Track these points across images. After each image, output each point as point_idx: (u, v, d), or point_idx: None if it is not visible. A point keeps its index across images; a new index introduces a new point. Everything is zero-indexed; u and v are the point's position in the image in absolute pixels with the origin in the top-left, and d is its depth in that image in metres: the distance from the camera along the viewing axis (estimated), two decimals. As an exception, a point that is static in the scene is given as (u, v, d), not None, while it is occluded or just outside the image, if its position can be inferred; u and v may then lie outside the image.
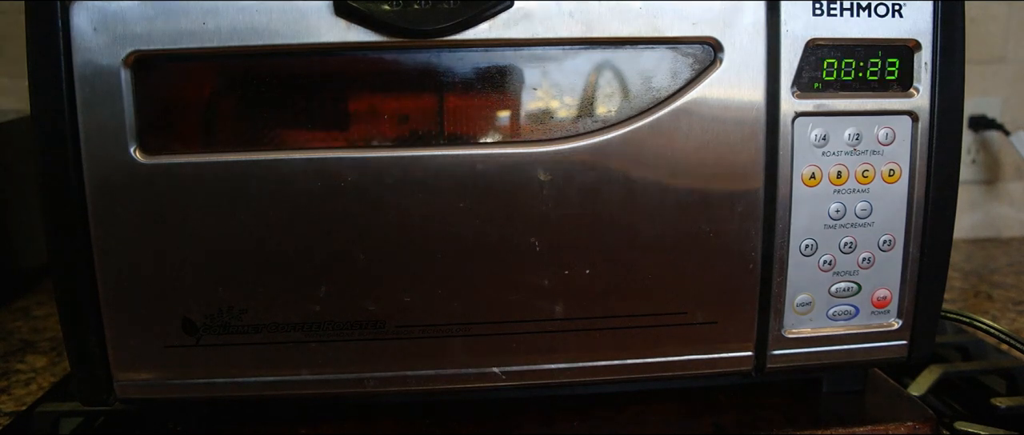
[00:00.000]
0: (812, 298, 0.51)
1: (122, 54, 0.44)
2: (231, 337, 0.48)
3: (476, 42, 0.46)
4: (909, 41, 0.49)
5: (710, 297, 0.50)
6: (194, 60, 0.45)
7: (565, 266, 0.48)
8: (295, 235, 0.47)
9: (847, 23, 0.48)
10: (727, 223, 0.49)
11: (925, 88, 0.49)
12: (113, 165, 0.45)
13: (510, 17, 0.45)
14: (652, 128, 0.47)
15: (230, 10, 0.44)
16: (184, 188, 0.46)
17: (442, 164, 0.47)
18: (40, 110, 0.45)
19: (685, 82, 0.47)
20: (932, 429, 0.53)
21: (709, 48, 0.47)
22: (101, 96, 0.44)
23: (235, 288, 0.47)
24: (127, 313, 0.47)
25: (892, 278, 0.52)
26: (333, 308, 0.48)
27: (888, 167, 0.50)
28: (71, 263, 0.46)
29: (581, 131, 0.47)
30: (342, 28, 0.45)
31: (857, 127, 0.49)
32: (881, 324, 0.52)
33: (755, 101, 0.48)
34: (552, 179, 0.47)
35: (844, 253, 0.51)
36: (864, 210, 0.50)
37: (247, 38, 0.45)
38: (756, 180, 0.48)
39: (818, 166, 0.49)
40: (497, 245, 0.48)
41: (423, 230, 0.47)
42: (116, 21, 0.44)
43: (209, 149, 0.46)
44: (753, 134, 0.48)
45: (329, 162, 0.46)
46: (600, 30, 0.46)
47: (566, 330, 0.50)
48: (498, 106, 0.47)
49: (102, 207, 0.46)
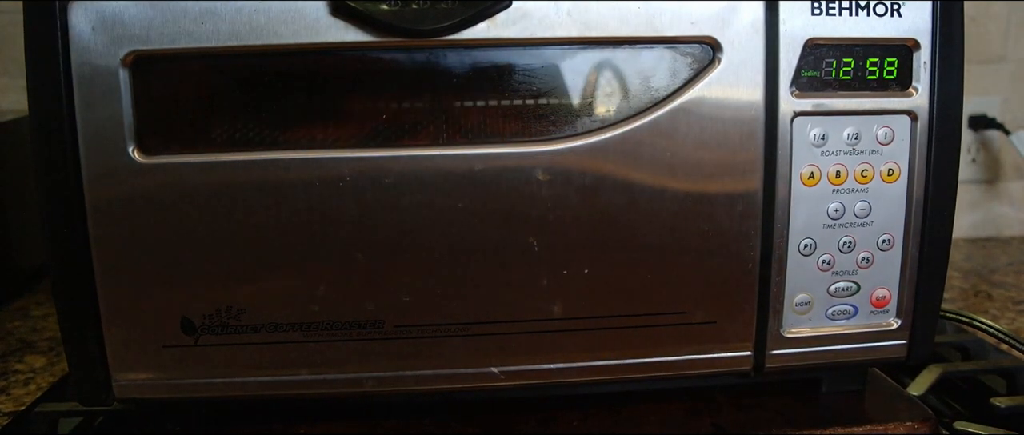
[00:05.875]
0: (811, 298, 0.51)
1: (120, 54, 0.44)
2: (230, 337, 0.48)
3: (474, 42, 0.46)
4: (908, 40, 0.48)
5: (709, 297, 0.50)
6: (192, 60, 0.45)
7: (563, 266, 0.48)
8: (293, 235, 0.47)
9: (846, 22, 0.48)
10: (726, 223, 0.49)
11: (924, 87, 0.49)
12: (111, 165, 0.45)
13: (508, 17, 0.45)
14: (651, 128, 0.47)
15: (228, 10, 0.44)
16: (182, 188, 0.46)
17: (440, 164, 0.46)
18: (39, 110, 0.45)
19: (684, 82, 0.47)
20: (931, 429, 0.53)
21: (708, 48, 0.47)
22: (99, 96, 0.44)
23: (234, 288, 0.47)
24: (126, 313, 0.47)
25: (891, 278, 0.52)
26: (332, 308, 0.48)
27: (887, 166, 0.50)
28: (70, 263, 0.46)
29: (580, 131, 0.47)
30: (340, 28, 0.45)
31: (856, 126, 0.49)
32: (880, 324, 0.52)
33: (754, 101, 0.47)
34: (550, 179, 0.47)
35: (843, 253, 0.51)
36: (863, 210, 0.50)
37: (245, 38, 0.45)
38: (755, 180, 0.48)
39: (817, 165, 0.49)
40: (495, 245, 0.48)
41: (421, 230, 0.47)
42: (114, 21, 0.44)
43: (207, 149, 0.46)
44: (752, 134, 0.48)
45: (327, 162, 0.46)
46: (598, 30, 0.46)
47: (565, 330, 0.49)
48: (496, 106, 0.47)
49: (101, 207, 0.46)
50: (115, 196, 0.46)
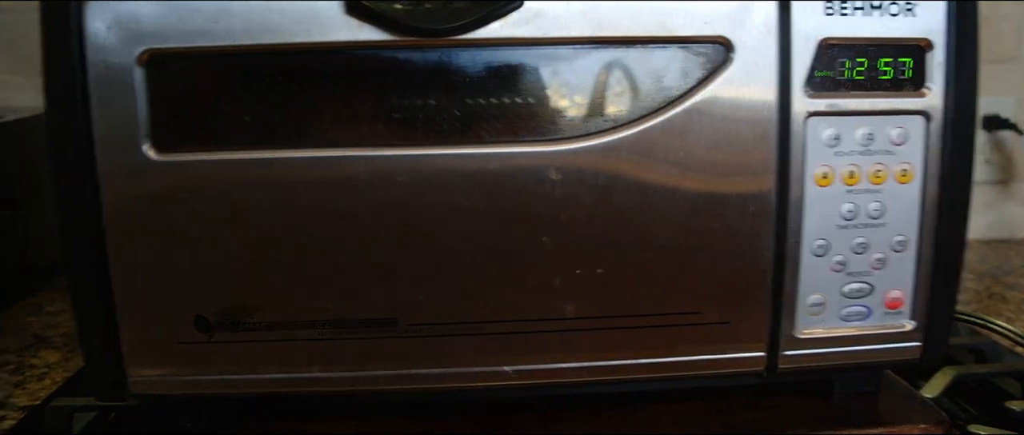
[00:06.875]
0: (824, 299, 0.51)
1: (135, 52, 0.44)
2: (244, 334, 0.48)
3: (487, 41, 0.46)
4: (922, 40, 0.48)
5: (722, 297, 0.50)
6: (207, 58, 0.45)
7: (576, 265, 0.48)
8: (307, 233, 0.47)
9: (859, 22, 0.48)
10: (739, 223, 0.48)
11: (938, 87, 0.49)
12: (127, 163, 0.45)
13: (521, 16, 0.45)
14: (664, 127, 0.47)
15: (242, 9, 0.45)
16: (197, 186, 0.46)
17: (453, 163, 0.47)
18: (55, 108, 0.45)
19: (696, 81, 0.47)
20: (945, 432, 0.52)
21: (720, 47, 0.47)
22: (115, 94, 0.45)
23: (248, 286, 0.48)
24: (141, 310, 0.48)
25: (905, 279, 0.51)
26: (345, 306, 0.48)
27: (901, 167, 0.50)
28: (85, 260, 0.47)
29: (592, 130, 0.47)
30: (354, 27, 0.45)
31: (870, 127, 0.49)
32: (894, 325, 0.52)
33: (767, 101, 0.47)
34: (563, 178, 0.47)
35: (856, 254, 0.50)
36: (877, 210, 0.50)
37: (259, 37, 0.45)
38: (768, 180, 0.48)
39: (830, 166, 0.49)
40: (508, 244, 0.48)
41: (434, 229, 0.47)
42: (129, 20, 0.44)
43: (222, 147, 0.46)
44: (765, 134, 0.48)
45: (340, 160, 0.46)
46: (611, 29, 0.46)
47: (577, 329, 0.49)
48: (509, 105, 0.47)
49: (116, 204, 0.46)
50: (130, 194, 0.46)
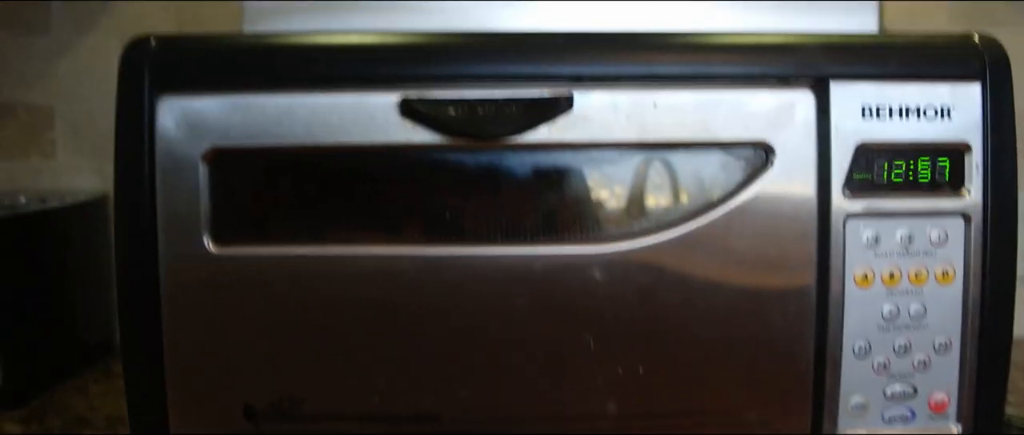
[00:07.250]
0: (866, 400, 0.50)
1: (201, 149, 0.47)
2: (290, 425, 0.49)
3: (536, 145, 0.47)
4: (960, 144, 0.49)
5: (763, 396, 0.50)
6: (268, 156, 0.48)
7: (619, 364, 0.49)
8: (356, 327, 0.48)
9: (896, 125, 0.48)
10: (779, 322, 0.49)
11: (977, 188, 0.49)
12: (187, 254, 0.47)
13: (568, 121, 0.47)
14: (706, 229, 0.48)
15: (304, 109, 0.47)
16: (252, 279, 0.48)
17: (500, 263, 0.48)
18: (123, 197, 0.47)
19: (738, 184, 0.48)
20: None
21: (761, 151, 0.48)
22: (179, 186, 0.47)
23: (296, 377, 0.48)
24: (191, 395, 0.49)
25: (950, 381, 0.51)
26: (390, 400, 0.49)
27: (942, 268, 0.50)
28: (141, 343, 0.48)
29: (636, 231, 0.48)
30: (408, 129, 0.47)
31: (909, 228, 0.49)
32: (940, 429, 0.51)
33: (806, 203, 0.48)
34: (608, 279, 0.48)
35: (899, 355, 0.50)
36: (918, 312, 0.50)
37: (318, 136, 0.47)
38: (809, 280, 0.48)
39: (870, 267, 0.49)
40: (552, 343, 0.48)
41: (480, 326, 0.48)
42: (197, 117, 0.47)
43: (278, 242, 0.48)
44: (805, 235, 0.48)
45: (390, 258, 0.48)
46: (655, 133, 0.48)
47: (619, 432, 0.49)
48: (556, 206, 0.49)
49: (174, 292, 0.47)
50: (188, 283, 0.47)
